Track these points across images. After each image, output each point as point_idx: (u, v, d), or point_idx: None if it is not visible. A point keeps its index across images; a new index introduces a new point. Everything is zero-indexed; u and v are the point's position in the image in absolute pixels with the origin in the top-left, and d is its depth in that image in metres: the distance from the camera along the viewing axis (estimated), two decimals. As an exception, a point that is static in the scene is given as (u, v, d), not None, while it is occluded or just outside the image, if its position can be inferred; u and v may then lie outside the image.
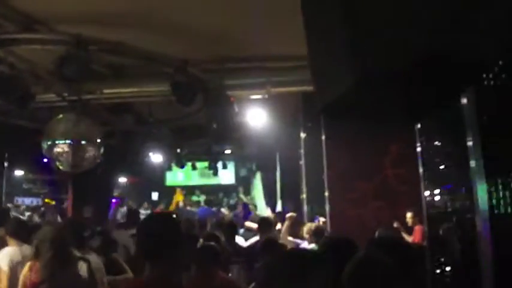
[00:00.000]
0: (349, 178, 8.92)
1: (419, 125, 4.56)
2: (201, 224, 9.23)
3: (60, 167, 6.20)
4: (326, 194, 8.66)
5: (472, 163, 3.26)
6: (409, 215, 7.83)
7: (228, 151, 12.84)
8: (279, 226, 8.04)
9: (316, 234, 6.31)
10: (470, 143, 3.23)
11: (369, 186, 8.98)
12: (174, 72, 5.04)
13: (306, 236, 6.57)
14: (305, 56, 5.74)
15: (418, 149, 4.99)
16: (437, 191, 5.06)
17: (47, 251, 3.71)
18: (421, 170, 5.03)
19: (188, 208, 14.03)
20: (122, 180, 18.70)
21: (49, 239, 3.75)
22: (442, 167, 4.90)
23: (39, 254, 3.76)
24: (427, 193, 5.23)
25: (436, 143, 4.96)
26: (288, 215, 7.56)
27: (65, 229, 4.25)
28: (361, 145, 8.73)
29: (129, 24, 4.69)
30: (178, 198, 13.62)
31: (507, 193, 3.32)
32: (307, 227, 6.65)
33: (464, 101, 2.88)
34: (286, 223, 7.12)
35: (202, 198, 16.59)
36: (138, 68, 5.97)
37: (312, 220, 9.00)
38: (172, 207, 13.65)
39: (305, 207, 9.69)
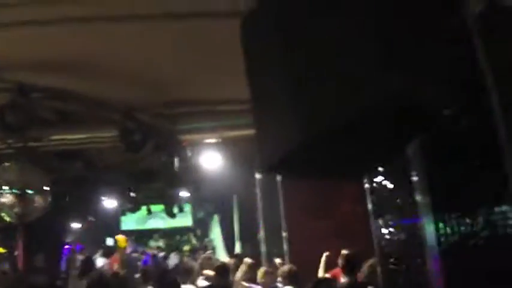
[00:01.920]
0: (306, 217, 8.92)
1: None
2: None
3: (7, 219, 5.93)
4: (284, 234, 8.61)
5: (419, 198, 3.28)
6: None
7: (184, 194, 12.64)
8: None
9: (291, 277, 6.28)
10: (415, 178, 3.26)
11: (328, 224, 8.99)
12: (122, 119, 4.93)
13: (262, 280, 6.48)
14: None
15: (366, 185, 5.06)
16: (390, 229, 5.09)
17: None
18: (370, 206, 5.07)
19: (135, 254, 13.65)
20: (76, 225, 18.15)
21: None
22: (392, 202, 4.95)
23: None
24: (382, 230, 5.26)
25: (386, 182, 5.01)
26: (245, 260, 7.46)
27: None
28: (317, 183, 8.76)
29: (74, 70, 4.57)
30: (121, 245, 13.17)
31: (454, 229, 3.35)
32: (281, 270, 6.59)
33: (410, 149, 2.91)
34: (242, 268, 7.02)
35: (161, 242, 16.25)
36: (86, 113, 5.83)
37: (270, 262, 8.89)
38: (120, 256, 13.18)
39: (263, 248, 9.59)
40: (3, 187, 5.96)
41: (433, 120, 1.99)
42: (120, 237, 13.58)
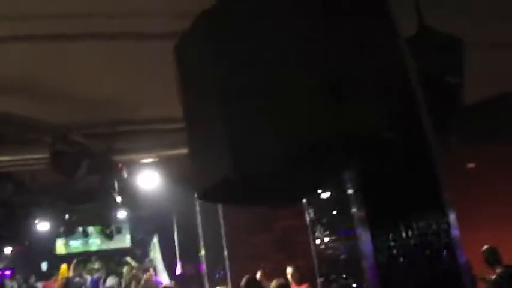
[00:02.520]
0: (247, 233, 8.93)
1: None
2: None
3: None
4: (225, 252, 8.57)
5: (354, 210, 3.34)
6: (289, 270, 7.78)
7: (121, 214, 12.35)
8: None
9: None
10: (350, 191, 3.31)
11: (268, 238, 9.03)
12: (53, 142, 4.77)
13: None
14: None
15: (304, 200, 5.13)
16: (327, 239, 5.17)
17: None
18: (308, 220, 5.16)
19: (77, 279, 13.17)
20: (7, 250, 17.33)
21: None
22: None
23: None
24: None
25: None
26: None
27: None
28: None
29: (7, 91, 4.41)
30: (64, 274, 12.74)
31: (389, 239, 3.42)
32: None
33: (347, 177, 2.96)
34: None
35: (97, 265, 15.75)
36: (17, 134, 5.61)
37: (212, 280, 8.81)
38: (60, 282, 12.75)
39: (204, 266, 9.50)
40: None
41: (374, 147, 2.03)
42: (64, 266, 13.12)
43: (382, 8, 2.12)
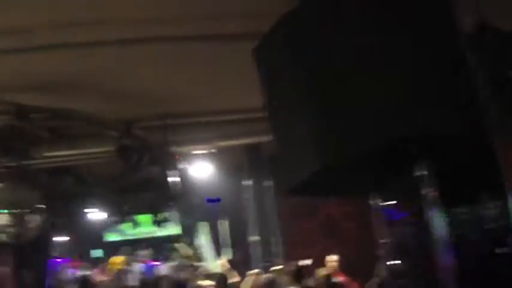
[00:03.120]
0: (298, 219, 9.04)
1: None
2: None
3: (4, 239, 5.89)
4: (276, 237, 8.69)
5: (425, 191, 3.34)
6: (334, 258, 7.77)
7: (172, 203, 12.60)
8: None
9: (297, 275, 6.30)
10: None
11: (317, 224, 9.11)
12: (119, 136, 4.94)
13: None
14: (250, 108, 5.85)
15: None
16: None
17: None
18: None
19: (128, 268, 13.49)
20: (60, 239, 17.91)
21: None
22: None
23: None
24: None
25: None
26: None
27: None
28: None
29: (74, 90, 4.61)
30: (116, 265, 13.06)
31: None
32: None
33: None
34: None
35: (148, 252, 16.07)
36: (77, 129, 5.83)
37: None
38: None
39: (255, 252, 9.62)
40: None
41: (447, 144, 2.08)
42: (116, 258, 13.45)
43: (445, 7, 2.15)
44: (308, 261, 7.49)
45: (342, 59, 1.93)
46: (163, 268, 13.61)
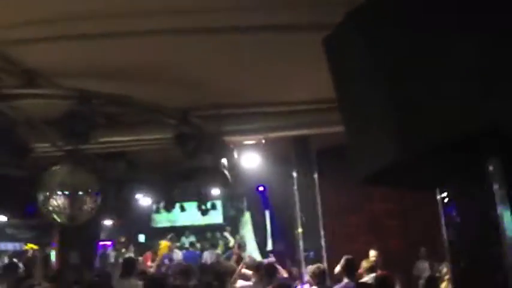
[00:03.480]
0: (341, 213, 9.05)
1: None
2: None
3: (58, 220, 6.11)
4: (320, 230, 8.70)
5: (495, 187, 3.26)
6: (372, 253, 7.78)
7: (216, 191, 12.76)
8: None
9: (319, 276, 6.28)
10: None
11: (360, 220, 9.10)
12: (177, 123, 5.06)
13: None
14: (300, 101, 5.85)
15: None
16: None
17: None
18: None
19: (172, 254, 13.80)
20: (108, 222, 18.41)
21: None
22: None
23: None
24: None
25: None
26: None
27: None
28: (351, 180, 8.82)
29: (135, 78, 4.75)
30: (163, 250, 13.43)
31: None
32: (310, 269, 6.58)
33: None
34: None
35: (191, 239, 16.39)
36: (133, 116, 5.99)
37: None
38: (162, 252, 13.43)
39: (300, 244, 9.64)
40: (55, 189, 6.14)
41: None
42: (163, 243, 13.82)
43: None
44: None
45: (419, 50, 1.94)
46: (206, 256, 13.83)
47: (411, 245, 9.09)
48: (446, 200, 4.70)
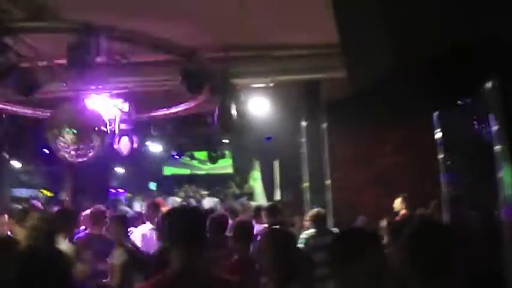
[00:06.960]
0: (349, 166, 9.04)
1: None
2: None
3: (66, 157, 6.17)
4: (327, 182, 8.72)
5: (497, 148, 3.24)
6: (398, 199, 7.82)
7: (226, 140, 12.80)
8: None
9: (317, 220, 6.31)
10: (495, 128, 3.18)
11: (369, 173, 9.10)
12: (185, 61, 5.02)
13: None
14: (309, 44, 5.77)
15: (438, 135, 4.97)
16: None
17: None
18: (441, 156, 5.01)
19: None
20: (119, 170, 18.68)
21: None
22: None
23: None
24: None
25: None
26: None
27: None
28: (361, 133, 8.84)
29: (141, 11, 4.69)
30: None
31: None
32: (310, 212, 6.63)
33: (488, 86, 2.86)
34: None
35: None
36: (139, 56, 5.96)
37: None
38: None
39: (307, 196, 9.70)
40: (63, 127, 6.17)
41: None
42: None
43: None
44: None
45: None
46: (204, 203, 13.89)
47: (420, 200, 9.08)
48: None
